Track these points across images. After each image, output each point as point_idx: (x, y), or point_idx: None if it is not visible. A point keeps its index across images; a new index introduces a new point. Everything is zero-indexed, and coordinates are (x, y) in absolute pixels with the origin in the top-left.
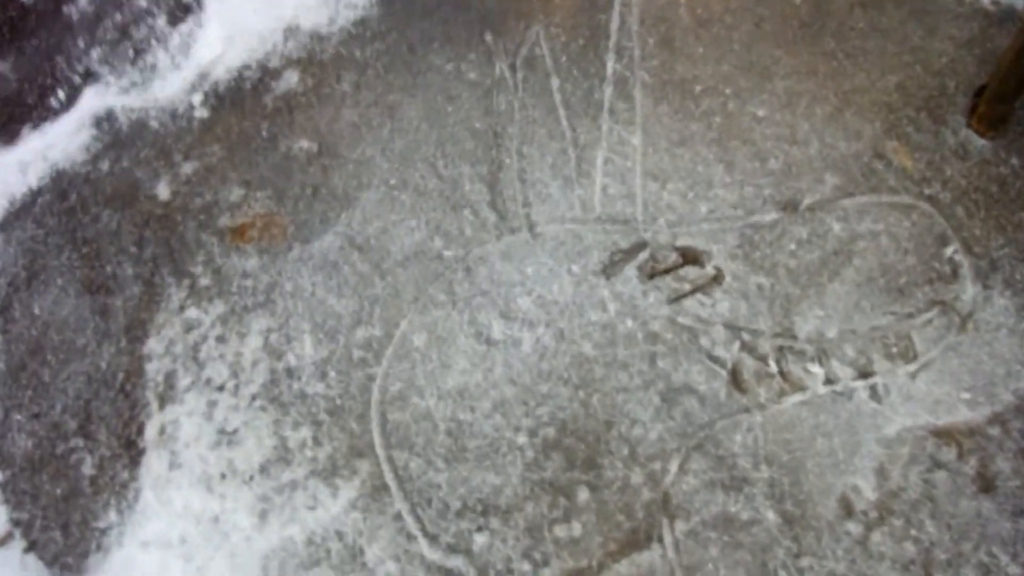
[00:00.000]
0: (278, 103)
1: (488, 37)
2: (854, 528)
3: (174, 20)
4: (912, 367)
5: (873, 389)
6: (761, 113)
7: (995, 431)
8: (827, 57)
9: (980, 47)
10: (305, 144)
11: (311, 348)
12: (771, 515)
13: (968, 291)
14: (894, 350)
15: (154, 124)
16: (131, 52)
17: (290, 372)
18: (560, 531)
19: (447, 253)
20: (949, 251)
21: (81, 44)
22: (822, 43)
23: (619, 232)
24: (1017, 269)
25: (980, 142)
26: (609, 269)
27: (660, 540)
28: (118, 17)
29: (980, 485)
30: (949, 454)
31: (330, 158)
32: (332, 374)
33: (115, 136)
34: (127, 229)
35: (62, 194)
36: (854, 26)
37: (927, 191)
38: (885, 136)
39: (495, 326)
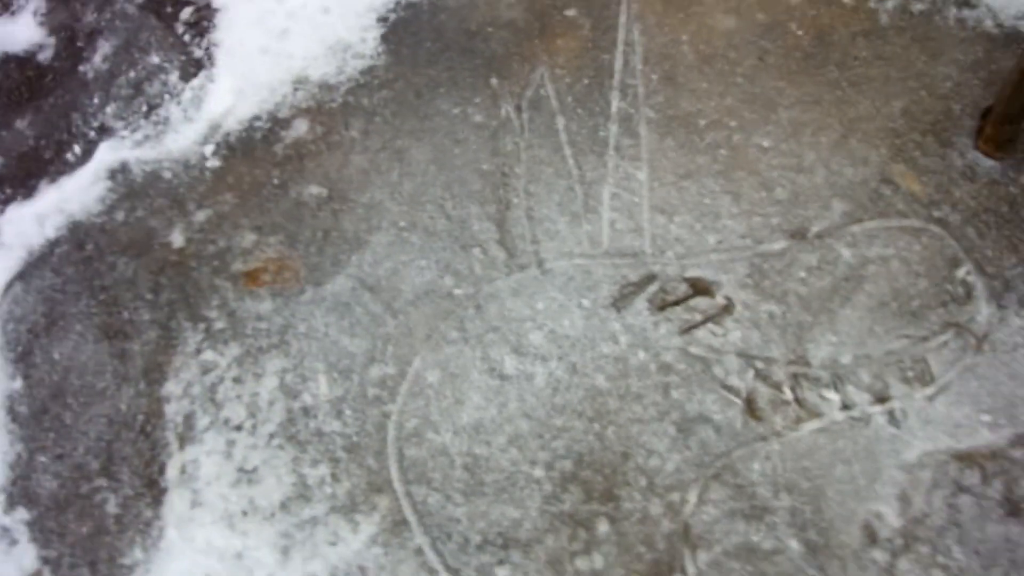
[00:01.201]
0: (288, 151)
1: (493, 81)
2: (880, 556)
3: (186, 75)
4: (930, 390)
5: (891, 414)
6: (766, 144)
7: (1018, 453)
8: (831, 86)
9: (985, 70)
10: (315, 190)
11: (326, 387)
12: (794, 544)
13: (983, 312)
14: (910, 374)
15: (167, 175)
16: (144, 107)
17: (306, 411)
18: (581, 564)
19: (458, 291)
20: (961, 272)
21: (96, 101)
22: (825, 73)
23: (628, 266)
24: None
25: (988, 163)
26: (619, 302)
27: (683, 571)
28: (132, 74)
29: (1007, 509)
30: (972, 478)
31: (340, 203)
32: (348, 412)
33: (129, 187)
34: (143, 276)
35: (79, 244)
36: (857, 55)
37: (936, 214)
38: (892, 161)
39: (507, 361)
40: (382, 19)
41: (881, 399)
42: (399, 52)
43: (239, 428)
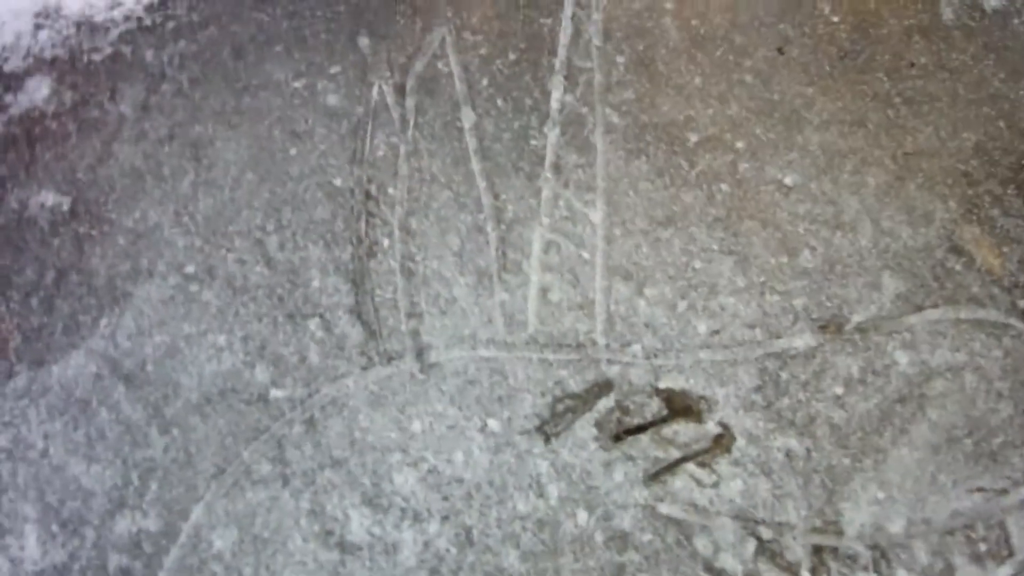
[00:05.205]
0: (14, 129)
1: (363, 41)
2: None
3: None
4: (1006, 571)
5: None
6: (788, 181)
7: None
8: (879, 102)
9: None
10: (51, 199)
11: (36, 549)
12: None
13: None
14: (982, 547)
15: None
16: None
17: None
18: None
19: (277, 393)
20: None
21: None
22: (871, 81)
23: (567, 365)
24: None
25: None
26: (550, 426)
27: None
28: None
29: None
30: None
31: (90, 224)
32: None
33: None
34: None
35: None
36: (914, 60)
37: (1022, 303)
38: (963, 220)
39: (355, 521)
40: None
41: None
42: None
43: None
